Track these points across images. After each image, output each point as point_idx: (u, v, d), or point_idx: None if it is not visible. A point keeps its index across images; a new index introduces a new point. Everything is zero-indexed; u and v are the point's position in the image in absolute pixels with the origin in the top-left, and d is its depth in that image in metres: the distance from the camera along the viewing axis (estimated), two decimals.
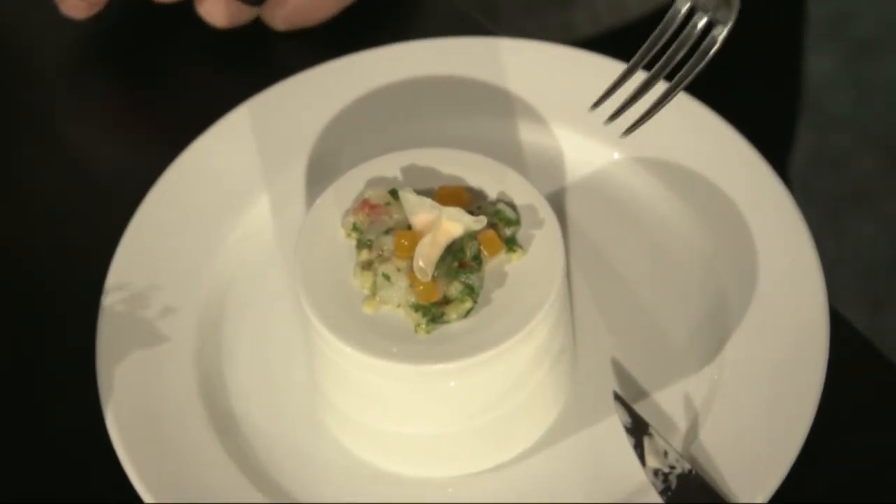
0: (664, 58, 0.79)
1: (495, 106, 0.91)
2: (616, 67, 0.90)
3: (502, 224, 0.78)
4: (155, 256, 0.85)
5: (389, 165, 0.81)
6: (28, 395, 0.84)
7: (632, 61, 0.79)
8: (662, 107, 0.78)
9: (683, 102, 0.88)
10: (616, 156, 0.89)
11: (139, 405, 0.79)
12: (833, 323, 0.80)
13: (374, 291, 0.76)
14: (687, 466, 0.75)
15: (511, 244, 0.78)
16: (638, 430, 0.76)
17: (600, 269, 0.86)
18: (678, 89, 0.77)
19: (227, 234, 0.86)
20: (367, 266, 0.77)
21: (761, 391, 0.78)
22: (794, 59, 1.36)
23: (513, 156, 0.88)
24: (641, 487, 0.76)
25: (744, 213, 0.85)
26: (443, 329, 0.75)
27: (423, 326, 0.75)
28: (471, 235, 0.77)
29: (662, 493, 0.74)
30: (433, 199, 0.77)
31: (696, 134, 0.88)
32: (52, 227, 0.91)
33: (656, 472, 0.75)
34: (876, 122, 1.88)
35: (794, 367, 0.78)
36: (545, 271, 0.77)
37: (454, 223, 0.76)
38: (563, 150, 0.90)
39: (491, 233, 0.77)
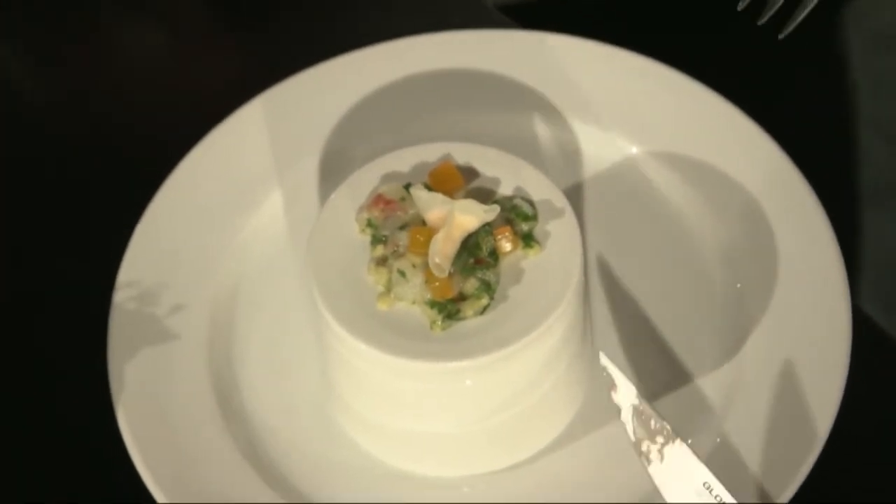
0: None
1: (511, 100, 0.90)
2: (634, 61, 0.90)
3: (519, 220, 0.77)
4: (166, 253, 0.84)
5: (404, 160, 0.80)
6: (39, 393, 0.83)
7: None
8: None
9: (702, 96, 0.88)
10: (634, 150, 0.88)
11: (150, 403, 0.79)
12: (854, 321, 0.79)
13: (389, 288, 0.76)
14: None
15: (528, 240, 0.77)
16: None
17: (618, 266, 0.85)
18: None
19: (239, 231, 0.86)
20: (381, 262, 0.76)
21: (781, 391, 0.77)
22: (814, 52, 1.35)
23: (529, 150, 0.87)
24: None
25: (764, 209, 0.84)
26: (458, 326, 0.74)
27: (439, 323, 0.74)
28: (487, 231, 0.76)
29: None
30: (425, 185, 0.77)
31: (715, 128, 0.87)
32: (62, 224, 0.90)
33: None
34: None
35: (816, 366, 0.77)
36: (562, 267, 0.76)
37: (467, 216, 0.75)
38: (580, 144, 0.89)
39: (507, 229, 0.76)
